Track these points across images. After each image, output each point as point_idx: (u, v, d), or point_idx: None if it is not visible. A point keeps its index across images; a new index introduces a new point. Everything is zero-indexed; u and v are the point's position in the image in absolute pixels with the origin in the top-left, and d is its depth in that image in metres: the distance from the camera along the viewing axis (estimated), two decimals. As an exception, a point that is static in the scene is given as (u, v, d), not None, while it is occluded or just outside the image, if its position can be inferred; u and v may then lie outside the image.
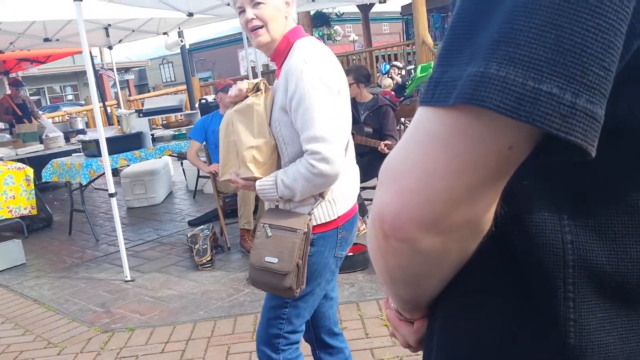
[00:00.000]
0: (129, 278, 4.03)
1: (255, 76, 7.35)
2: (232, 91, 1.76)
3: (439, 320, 0.62)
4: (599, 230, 0.50)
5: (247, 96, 1.71)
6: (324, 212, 1.70)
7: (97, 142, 4.63)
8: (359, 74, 4.52)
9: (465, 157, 0.43)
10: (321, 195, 1.67)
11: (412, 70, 9.90)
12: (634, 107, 0.47)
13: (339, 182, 1.67)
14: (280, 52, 1.73)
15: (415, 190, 0.45)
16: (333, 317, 2.00)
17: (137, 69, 29.49)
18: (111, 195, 4.04)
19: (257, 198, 4.36)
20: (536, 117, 0.39)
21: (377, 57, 12.60)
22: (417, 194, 0.45)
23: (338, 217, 1.72)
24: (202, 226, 4.62)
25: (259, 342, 1.84)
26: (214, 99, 7.39)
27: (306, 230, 1.64)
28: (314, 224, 1.68)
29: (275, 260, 1.67)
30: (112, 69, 8.86)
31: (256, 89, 1.72)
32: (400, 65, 10.53)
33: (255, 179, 1.71)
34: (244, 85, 1.73)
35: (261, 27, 1.68)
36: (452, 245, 0.49)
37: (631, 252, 0.50)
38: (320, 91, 1.58)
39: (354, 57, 12.82)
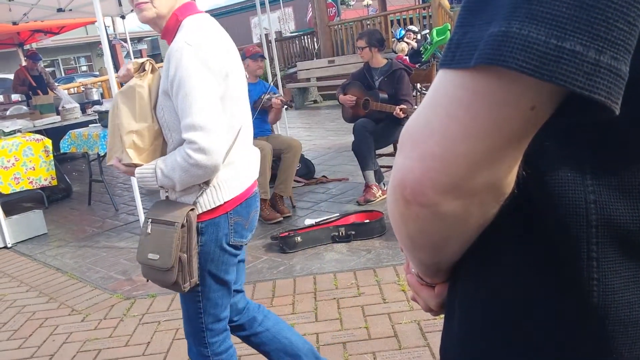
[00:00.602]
0: (148, 246, 4.09)
1: (268, 43, 7.28)
2: (121, 71, 1.65)
3: (460, 283, 0.62)
4: (622, 188, 0.50)
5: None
6: (209, 199, 1.61)
7: (113, 112, 4.64)
8: (372, 37, 4.44)
9: (487, 119, 0.42)
10: (206, 182, 1.58)
11: (427, 35, 9.71)
12: None
13: (225, 167, 1.58)
14: (169, 30, 1.62)
15: (437, 155, 0.45)
16: (235, 305, 1.91)
17: (150, 38, 29.37)
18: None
19: (273, 168, 4.38)
20: (560, 75, 0.38)
21: (391, 21, 12.37)
22: (439, 158, 0.45)
23: (225, 203, 1.63)
24: (219, 195, 4.66)
25: (187, 339, 1.79)
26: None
27: (184, 222, 1.56)
28: (200, 211, 1.60)
29: (156, 257, 1.60)
30: (125, 39, 8.83)
31: (142, 69, 1.61)
32: (416, 30, 10.33)
33: (136, 166, 1.60)
34: (131, 65, 1.62)
35: (146, 1, 1.58)
36: (474, 209, 0.49)
37: None
38: (201, 76, 1.48)
39: (368, 22, 12.61)
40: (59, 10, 6.85)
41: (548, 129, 0.45)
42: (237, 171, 1.67)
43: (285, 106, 4.45)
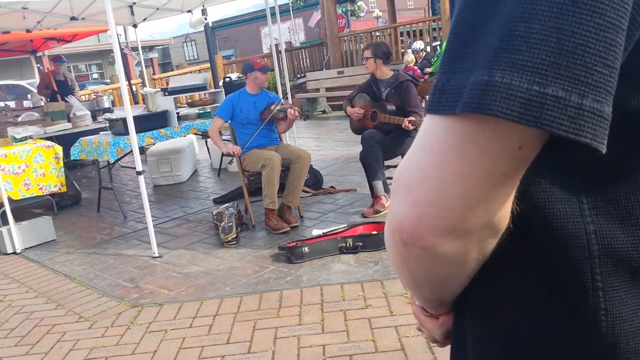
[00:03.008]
0: (156, 254, 4.10)
1: (278, 54, 7.32)
2: None
3: (468, 316, 0.62)
4: (620, 216, 0.50)
5: None
6: None
7: (124, 120, 4.69)
8: (378, 49, 4.46)
9: (477, 162, 0.43)
10: None
11: (438, 47, 9.73)
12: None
13: None
14: None
15: (431, 200, 0.45)
16: None
17: (161, 47, 29.60)
18: (139, 173, 4.10)
19: (282, 177, 4.39)
20: (544, 121, 0.39)
21: (401, 32, 12.42)
22: (434, 204, 0.45)
23: None
24: (227, 204, 4.67)
25: None
26: (239, 77, 7.40)
27: None
28: None
29: None
30: (136, 48, 8.91)
31: None
32: (422, 47, 10.35)
33: None
34: None
35: None
36: (472, 247, 0.50)
37: None
38: None
39: (378, 34, 12.66)
40: (72, 18, 6.92)
41: (539, 164, 0.46)
42: None
43: (302, 117, 4.45)
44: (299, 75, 13.52)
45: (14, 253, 4.61)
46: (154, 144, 6.22)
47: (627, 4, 0.40)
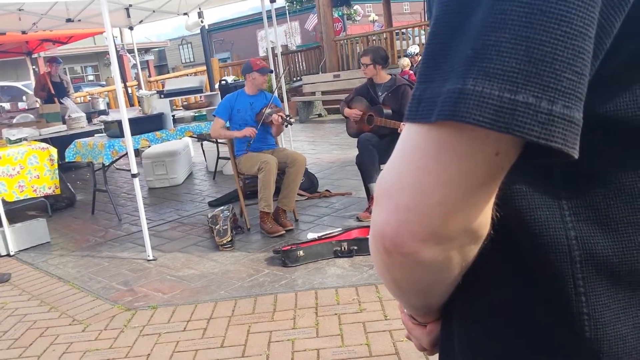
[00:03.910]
0: (151, 257, 4.09)
1: (274, 57, 7.32)
2: None
3: (455, 324, 0.63)
4: (600, 222, 0.51)
5: None
6: None
7: (119, 122, 4.67)
8: (377, 54, 4.48)
9: (455, 168, 0.44)
10: None
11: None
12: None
13: None
14: None
15: (411, 207, 0.46)
16: None
17: (157, 49, 29.56)
18: (134, 175, 4.09)
19: (277, 181, 4.39)
20: (515, 127, 0.40)
21: (397, 34, 12.45)
22: (413, 211, 0.46)
23: None
24: (222, 207, 4.67)
25: None
26: (235, 80, 7.39)
27: None
28: None
29: None
30: (133, 50, 8.90)
31: None
32: (417, 51, 10.39)
33: None
34: None
35: None
36: (454, 253, 0.50)
37: (635, 240, 0.51)
38: None
39: (374, 38, 12.68)
40: (68, 20, 6.91)
41: (518, 171, 0.47)
42: None
43: (286, 123, 4.42)
44: (295, 79, 13.53)
45: (8, 255, 4.59)
46: (149, 147, 6.21)
47: (594, 13, 0.41)
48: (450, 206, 0.45)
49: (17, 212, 5.52)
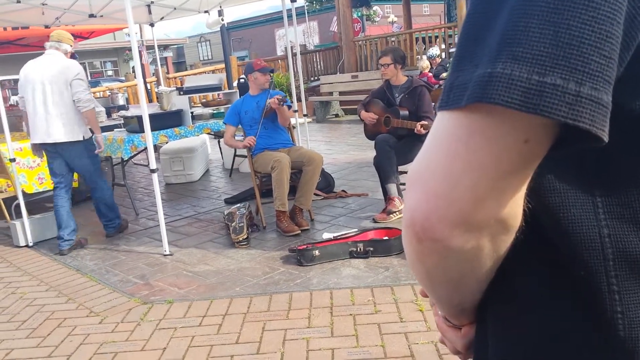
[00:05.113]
0: (167, 252, 4.12)
1: (293, 56, 7.34)
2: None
3: (490, 325, 0.63)
4: (635, 220, 0.51)
5: None
6: None
7: (139, 118, 4.71)
8: (397, 54, 4.48)
9: (484, 153, 0.45)
10: None
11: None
12: None
13: None
14: None
15: (441, 192, 0.47)
16: None
17: (176, 46, 29.76)
18: (152, 171, 4.12)
19: (292, 180, 4.40)
20: (543, 107, 0.41)
21: (416, 39, 12.40)
22: (443, 195, 0.47)
23: None
24: (238, 204, 4.69)
25: None
26: (244, 79, 7.41)
27: None
28: None
29: None
30: (153, 47, 8.96)
31: None
32: (437, 53, 10.36)
33: None
34: None
35: None
36: (485, 242, 0.50)
37: None
38: None
39: (393, 39, 12.65)
40: (91, 15, 6.97)
41: (551, 168, 0.48)
42: None
43: (282, 103, 4.41)
44: (312, 79, 13.53)
45: (27, 246, 4.65)
46: (167, 143, 6.26)
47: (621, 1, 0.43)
48: (479, 192, 0.46)
49: (37, 203, 5.59)
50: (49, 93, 4.22)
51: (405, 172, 4.75)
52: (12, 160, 4.65)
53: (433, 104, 4.53)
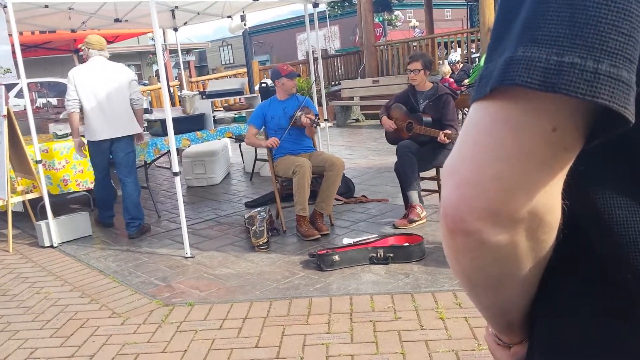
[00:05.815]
0: (189, 255, 4.16)
1: (314, 60, 7.35)
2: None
3: (534, 341, 0.62)
4: None
5: None
6: None
7: (162, 121, 4.78)
8: (426, 59, 4.45)
9: (510, 142, 0.45)
10: None
11: (477, 59, 9.66)
12: None
13: None
14: None
15: (470, 181, 0.47)
16: None
17: (198, 50, 30.03)
18: (175, 174, 4.17)
19: (313, 184, 4.40)
20: (562, 86, 0.42)
21: (438, 44, 12.36)
22: (472, 184, 0.47)
23: None
24: (258, 208, 4.71)
25: None
26: (265, 83, 7.45)
27: None
28: None
29: None
30: (176, 50, 9.06)
31: None
32: (458, 59, 10.30)
33: None
34: None
35: None
36: (521, 239, 0.49)
37: None
38: None
39: (415, 44, 12.62)
40: (116, 20, 7.09)
41: (596, 169, 0.47)
42: None
43: (314, 125, 4.43)
44: (333, 83, 13.56)
45: (51, 246, 4.73)
46: (189, 146, 6.32)
47: None
48: (507, 182, 0.46)
49: (61, 205, 5.68)
50: (114, 94, 4.62)
51: (427, 179, 4.73)
52: (39, 162, 4.74)
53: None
